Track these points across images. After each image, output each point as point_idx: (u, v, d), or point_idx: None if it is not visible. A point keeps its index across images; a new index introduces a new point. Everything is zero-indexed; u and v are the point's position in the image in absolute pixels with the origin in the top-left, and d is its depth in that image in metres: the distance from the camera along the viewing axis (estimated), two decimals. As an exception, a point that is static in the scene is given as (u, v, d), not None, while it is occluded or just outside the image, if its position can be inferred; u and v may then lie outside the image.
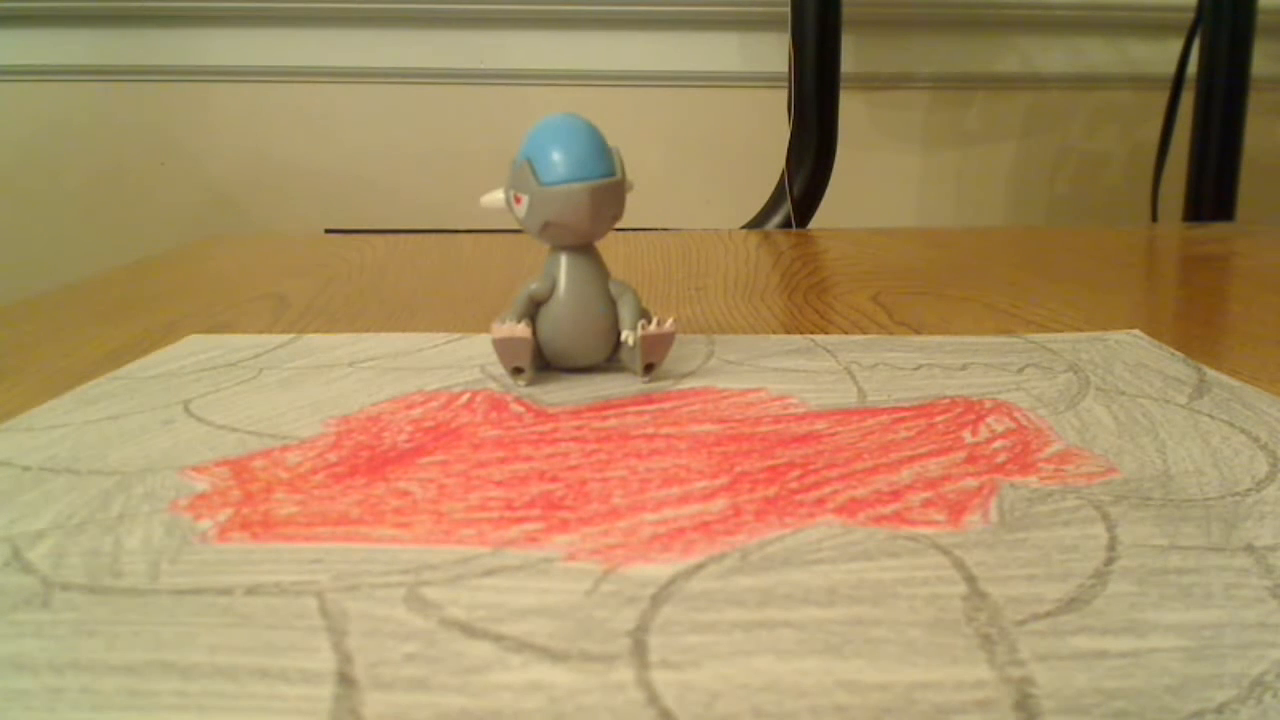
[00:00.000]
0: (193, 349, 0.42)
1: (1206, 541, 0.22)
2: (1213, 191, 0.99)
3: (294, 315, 0.50)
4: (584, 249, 0.36)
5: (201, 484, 0.27)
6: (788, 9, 1.00)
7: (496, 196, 0.36)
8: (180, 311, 0.51)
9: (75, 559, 0.22)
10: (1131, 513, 0.24)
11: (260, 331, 0.46)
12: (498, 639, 0.19)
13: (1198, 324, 0.46)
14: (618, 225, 0.36)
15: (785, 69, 1.02)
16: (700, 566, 0.21)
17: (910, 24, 1.19)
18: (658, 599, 0.20)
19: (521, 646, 0.18)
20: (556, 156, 0.34)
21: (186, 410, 0.33)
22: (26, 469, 0.28)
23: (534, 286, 0.36)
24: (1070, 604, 0.20)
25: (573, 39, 1.17)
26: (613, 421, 0.31)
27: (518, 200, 0.35)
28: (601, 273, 0.36)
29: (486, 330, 0.36)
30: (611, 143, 0.35)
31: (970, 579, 0.21)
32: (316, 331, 0.45)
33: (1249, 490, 0.25)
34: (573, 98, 1.18)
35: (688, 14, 1.16)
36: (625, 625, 0.19)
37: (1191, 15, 1.02)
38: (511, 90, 1.20)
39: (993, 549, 0.22)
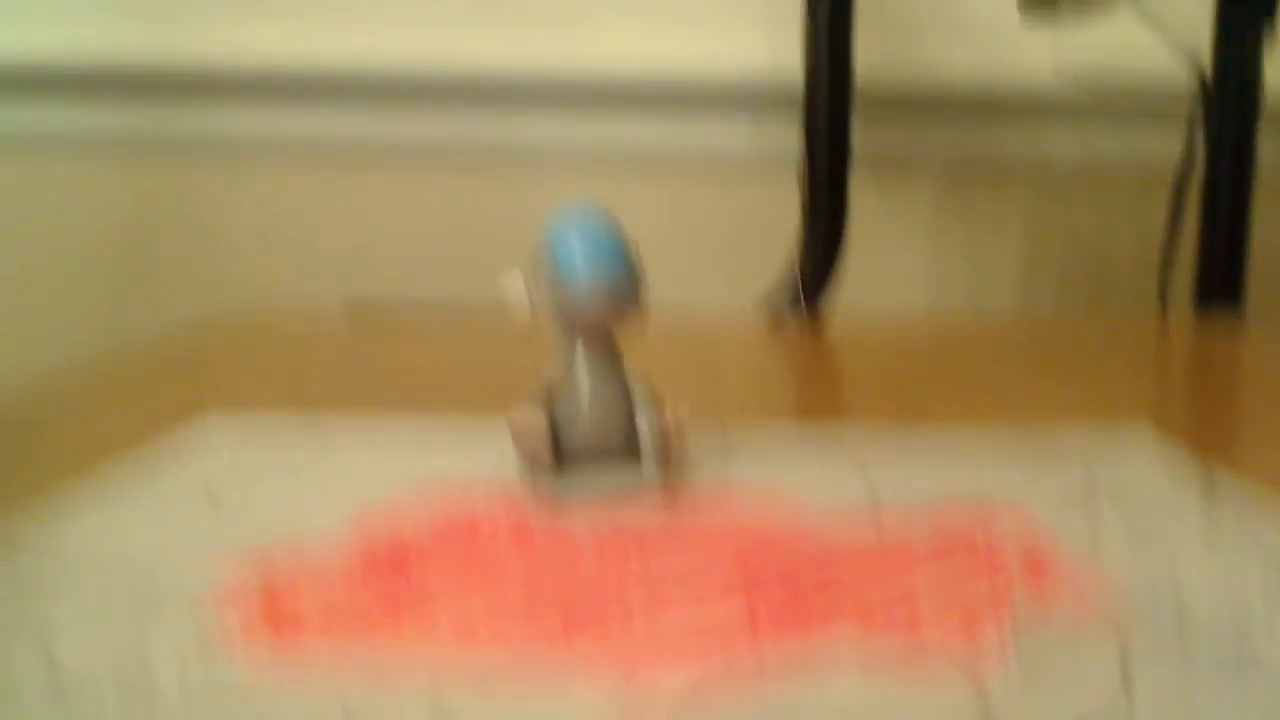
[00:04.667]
0: (214, 432, 0.42)
1: (1220, 656, 0.22)
2: (1221, 278, 0.99)
3: (313, 394, 0.51)
4: (602, 339, 0.37)
5: (226, 578, 0.27)
6: (800, 94, 1.02)
7: (517, 286, 0.37)
8: (201, 389, 0.52)
9: (103, 653, 0.23)
10: (1144, 628, 0.24)
11: (280, 409, 0.46)
12: (518, 750, 0.19)
13: (1208, 419, 0.47)
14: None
15: (797, 152, 1.04)
16: (717, 675, 0.22)
17: (919, 110, 1.21)
18: (675, 707, 0.20)
19: (542, 758, 0.19)
20: (577, 251, 0.35)
21: (210, 499, 0.34)
22: (55, 557, 0.28)
23: (551, 376, 0.37)
24: (1084, 723, 0.20)
25: (590, 120, 1.20)
26: (628, 519, 0.31)
27: (538, 291, 0.35)
28: (618, 363, 0.37)
29: (504, 413, 0.37)
30: (624, 222, 0.36)
31: (982, 693, 0.21)
32: (335, 409, 0.46)
33: (1260, 604, 0.25)
34: (588, 178, 1.20)
35: (702, 96, 1.19)
36: (644, 737, 0.19)
37: (1197, 104, 1.04)
38: (529, 170, 1.22)
39: (1006, 663, 0.22)
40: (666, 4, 1.18)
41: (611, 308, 0.34)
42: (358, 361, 0.60)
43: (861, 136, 1.10)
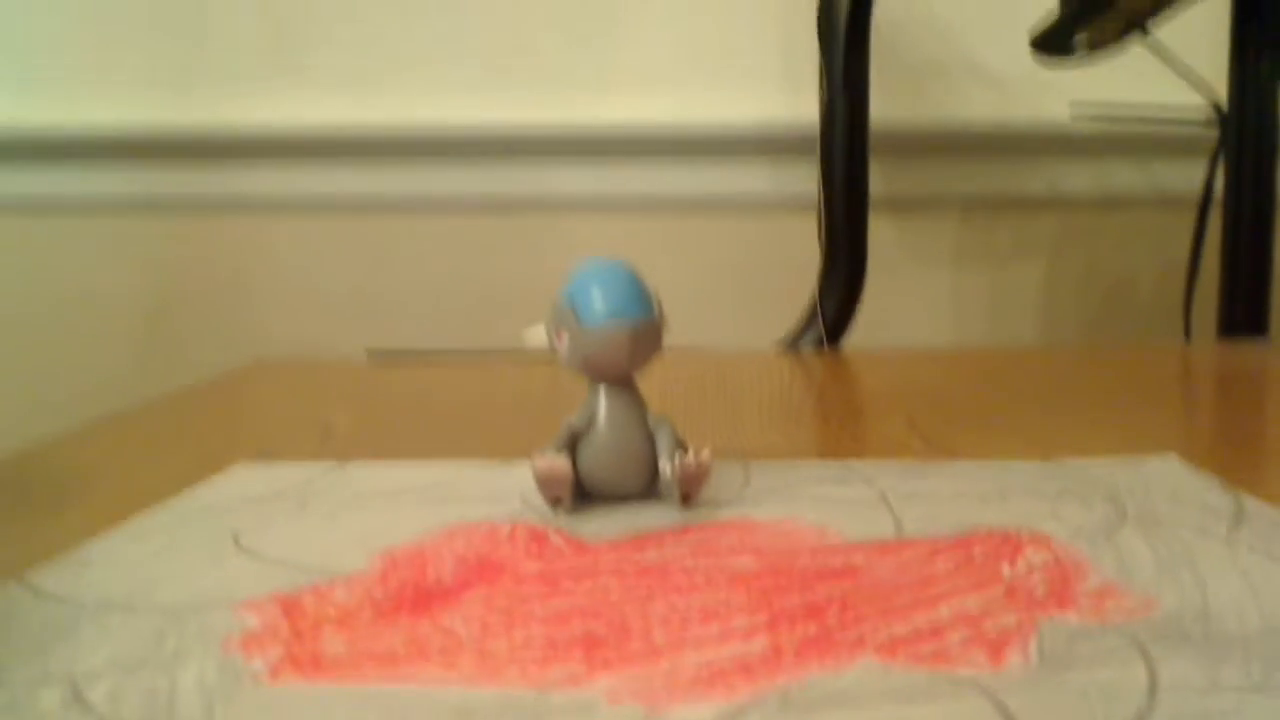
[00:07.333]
0: (240, 479, 0.43)
1: (1247, 681, 0.22)
2: (1245, 308, 0.99)
3: (339, 442, 0.51)
4: (622, 382, 0.37)
5: (252, 621, 0.27)
6: (817, 136, 1.03)
7: (539, 333, 0.37)
8: (227, 439, 0.53)
9: (133, 699, 0.23)
10: (1171, 651, 0.24)
11: (305, 458, 0.47)
12: (543, 784, 0.19)
13: (1234, 446, 0.46)
14: (655, 354, 0.37)
15: (815, 193, 1.04)
16: (742, 709, 0.22)
17: (937, 150, 1.22)
18: (700, 743, 0.20)
19: (567, 792, 0.19)
20: (597, 297, 0.35)
21: (236, 544, 0.34)
22: (83, 606, 0.29)
23: (574, 419, 0.37)
24: (1112, 749, 0.20)
25: (608, 168, 1.21)
26: (651, 554, 0.32)
27: (559, 337, 0.36)
28: (640, 405, 0.37)
29: (527, 457, 0.37)
30: (647, 266, 0.36)
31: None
32: (361, 458, 0.47)
33: (1290, 627, 0.25)
34: (609, 224, 1.21)
35: (720, 142, 1.20)
36: (668, 770, 0.19)
37: (1215, 135, 1.04)
38: (550, 217, 1.23)
39: (1033, 690, 0.22)
40: (686, 59, 1.20)
41: (631, 349, 0.35)
42: (383, 408, 0.61)
43: (881, 176, 1.11)
